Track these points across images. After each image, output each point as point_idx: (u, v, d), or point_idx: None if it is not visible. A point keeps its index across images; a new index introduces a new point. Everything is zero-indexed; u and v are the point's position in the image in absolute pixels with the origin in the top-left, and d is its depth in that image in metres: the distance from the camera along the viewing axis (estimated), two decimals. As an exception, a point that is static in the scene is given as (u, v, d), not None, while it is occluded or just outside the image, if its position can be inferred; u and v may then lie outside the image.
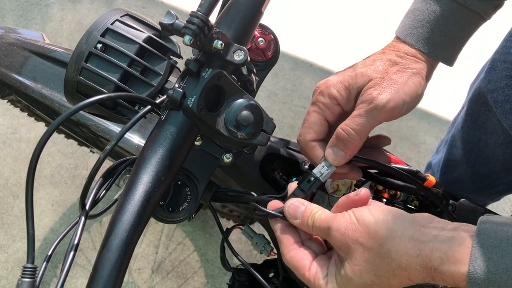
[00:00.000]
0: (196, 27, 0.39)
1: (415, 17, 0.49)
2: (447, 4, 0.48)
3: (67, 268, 0.40)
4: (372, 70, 0.47)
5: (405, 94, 0.46)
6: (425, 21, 0.49)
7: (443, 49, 0.49)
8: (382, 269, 0.39)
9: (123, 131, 0.42)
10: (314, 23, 1.93)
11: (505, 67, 0.65)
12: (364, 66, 0.48)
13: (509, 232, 0.36)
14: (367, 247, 0.39)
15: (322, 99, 0.48)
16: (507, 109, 0.65)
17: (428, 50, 0.49)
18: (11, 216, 1.44)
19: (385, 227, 0.39)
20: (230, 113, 0.44)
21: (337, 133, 0.47)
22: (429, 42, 0.49)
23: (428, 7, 0.49)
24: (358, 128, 0.46)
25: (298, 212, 0.45)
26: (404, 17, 0.51)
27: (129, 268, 1.35)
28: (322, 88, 0.49)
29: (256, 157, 0.59)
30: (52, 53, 0.77)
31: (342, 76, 0.48)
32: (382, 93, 0.45)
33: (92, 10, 1.86)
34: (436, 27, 0.49)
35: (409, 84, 0.47)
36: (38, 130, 1.58)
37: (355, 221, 0.41)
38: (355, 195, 0.44)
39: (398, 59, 0.48)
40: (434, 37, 0.49)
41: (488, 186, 0.85)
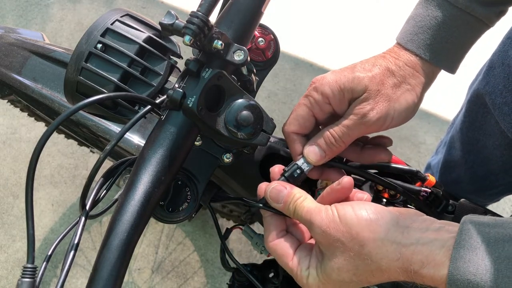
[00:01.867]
0: (196, 27, 0.40)
1: (416, 23, 0.49)
2: (449, 10, 0.47)
3: (67, 268, 0.40)
4: (369, 78, 0.47)
5: (395, 111, 0.47)
6: (426, 27, 0.48)
7: (445, 56, 0.49)
8: (361, 269, 0.39)
9: (123, 131, 0.42)
10: (314, 23, 1.93)
11: (503, 69, 0.65)
12: (363, 70, 0.47)
13: (491, 233, 0.35)
14: (348, 247, 0.39)
15: (315, 94, 0.48)
16: (505, 111, 0.65)
17: (429, 57, 0.48)
18: (11, 216, 1.44)
19: (368, 228, 0.39)
20: (230, 113, 0.44)
21: (324, 136, 0.48)
22: (430, 49, 0.48)
23: (430, 13, 0.48)
24: (344, 137, 0.47)
25: (280, 196, 0.45)
26: (405, 23, 0.51)
27: (129, 268, 1.35)
28: (317, 84, 0.48)
29: (256, 157, 0.59)
30: (52, 53, 0.77)
31: (339, 76, 0.48)
32: (374, 109, 0.46)
33: (92, 10, 1.86)
34: (437, 34, 0.48)
35: (401, 101, 0.47)
36: (38, 130, 1.58)
37: (337, 220, 0.40)
38: (337, 185, 0.44)
39: (396, 69, 0.47)
40: (435, 44, 0.48)
41: (487, 187, 0.86)
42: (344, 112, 0.49)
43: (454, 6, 0.47)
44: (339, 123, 0.47)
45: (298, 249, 0.45)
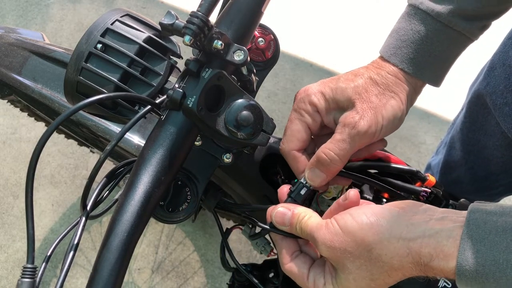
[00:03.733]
0: (196, 27, 0.39)
1: (399, 37, 0.49)
2: (432, 25, 0.47)
3: (66, 268, 0.40)
4: (352, 88, 0.46)
5: (383, 118, 0.47)
6: (410, 41, 0.48)
7: (428, 69, 0.49)
8: (376, 273, 0.39)
9: (123, 131, 0.42)
10: (314, 23, 1.92)
11: (504, 69, 0.65)
12: (346, 81, 0.47)
13: (498, 222, 0.35)
14: (357, 255, 0.39)
15: (303, 105, 0.48)
16: (506, 112, 0.65)
17: (412, 71, 0.48)
18: (11, 216, 1.44)
19: (371, 231, 0.39)
20: (230, 113, 0.44)
21: (318, 157, 0.47)
22: (413, 63, 0.48)
23: (413, 27, 0.48)
24: (341, 153, 0.47)
25: (285, 218, 0.45)
26: (388, 36, 0.50)
27: (129, 268, 1.35)
28: (302, 95, 0.48)
29: (256, 157, 0.59)
30: (52, 53, 0.77)
31: (323, 87, 0.48)
32: (362, 118, 0.46)
33: (92, 10, 1.86)
34: (420, 48, 0.48)
35: (387, 107, 0.47)
36: (38, 130, 1.58)
37: (339, 231, 0.40)
38: (344, 199, 0.43)
39: (379, 77, 0.47)
40: (418, 58, 0.48)
41: (487, 188, 0.86)
42: (332, 124, 0.49)
43: (437, 20, 0.47)
44: (332, 140, 0.47)
45: (312, 267, 0.44)
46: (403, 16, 0.50)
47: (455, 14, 0.47)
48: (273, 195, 0.60)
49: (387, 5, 1.98)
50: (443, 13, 0.47)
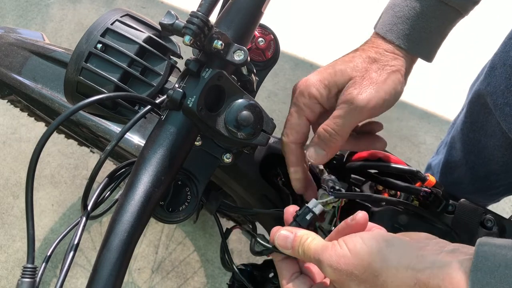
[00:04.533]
0: (196, 27, 0.39)
1: (394, 13, 0.49)
2: (427, 1, 0.48)
3: (66, 268, 0.40)
4: (351, 67, 0.47)
5: (385, 93, 0.47)
6: (405, 17, 0.49)
7: (423, 45, 0.49)
8: None
9: (123, 131, 0.42)
10: (314, 23, 1.93)
11: (505, 69, 0.65)
12: (343, 63, 0.48)
13: (508, 255, 0.35)
14: (362, 279, 0.38)
15: (302, 99, 0.49)
16: (506, 112, 0.65)
17: (408, 47, 0.49)
18: (11, 216, 1.44)
19: (380, 257, 0.38)
20: (230, 113, 0.44)
21: (319, 133, 0.48)
22: (409, 39, 0.48)
23: (408, 4, 0.49)
24: (339, 128, 0.47)
25: (288, 242, 0.44)
26: (384, 13, 0.51)
27: (129, 268, 1.35)
28: (301, 88, 0.49)
29: (256, 157, 0.59)
30: (52, 53, 0.77)
31: (322, 75, 0.48)
32: (362, 93, 0.46)
33: (92, 10, 1.86)
34: (416, 24, 0.48)
35: (388, 82, 0.47)
36: (38, 130, 1.58)
37: (347, 253, 0.39)
38: (352, 220, 0.42)
39: (377, 56, 0.48)
40: (414, 34, 0.48)
41: (488, 188, 0.86)
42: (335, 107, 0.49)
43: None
44: (332, 117, 0.47)
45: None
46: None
47: None
48: (273, 196, 0.60)
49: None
50: None
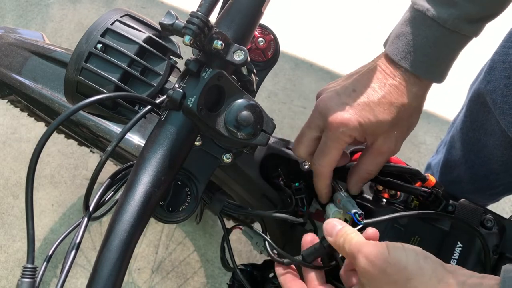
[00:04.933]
0: (196, 27, 0.39)
1: (408, 41, 0.51)
2: (438, 30, 0.50)
3: (67, 268, 0.40)
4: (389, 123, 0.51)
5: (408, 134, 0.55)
6: (417, 45, 0.50)
7: (437, 71, 0.52)
8: None
9: (123, 132, 0.42)
10: (314, 23, 1.93)
11: (504, 68, 0.65)
12: (383, 113, 0.51)
13: None
14: (393, 280, 0.39)
15: (345, 138, 0.51)
16: (506, 111, 0.65)
17: (422, 74, 0.51)
18: (11, 216, 1.44)
19: (416, 265, 0.39)
20: (230, 113, 0.44)
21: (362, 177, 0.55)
22: (422, 66, 0.51)
23: (420, 33, 0.50)
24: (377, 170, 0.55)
25: (334, 230, 0.47)
26: (396, 38, 0.52)
27: (129, 268, 1.34)
28: (344, 129, 0.51)
29: (256, 157, 0.59)
30: (52, 53, 0.77)
31: (362, 118, 0.50)
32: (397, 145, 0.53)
33: (92, 10, 1.86)
34: (429, 52, 0.50)
35: (414, 126, 0.55)
36: (38, 130, 1.58)
37: (386, 252, 0.41)
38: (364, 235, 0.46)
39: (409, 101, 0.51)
40: (427, 61, 0.51)
41: (487, 187, 0.85)
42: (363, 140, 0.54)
43: (443, 27, 0.49)
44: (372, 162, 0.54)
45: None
46: (410, 20, 0.52)
47: (460, 19, 0.49)
48: (273, 196, 0.60)
49: (387, 5, 1.98)
50: (449, 20, 0.49)
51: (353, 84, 0.52)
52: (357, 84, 0.52)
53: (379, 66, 0.52)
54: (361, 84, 0.52)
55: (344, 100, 0.51)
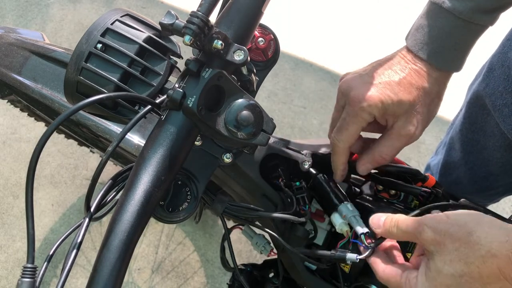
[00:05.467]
0: (196, 27, 0.39)
1: (425, 33, 0.52)
2: (455, 21, 0.51)
3: (68, 268, 0.40)
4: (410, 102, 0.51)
5: (430, 122, 0.56)
6: (435, 37, 0.52)
7: (454, 60, 0.53)
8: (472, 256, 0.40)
9: (124, 132, 0.42)
10: (314, 23, 1.93)
11: (503, 70, 0.65)
12: (404, 93, 0.51)
13: None
14: (457, 237, 0.42)
15: (365, 115, 0.52)
16: (505, 113, 0.65)
17: (441, 65, 0.52)
18: (11, 216, 1.44)
19: (474, 219, 0.42)
20: (230, 113, 0.44)
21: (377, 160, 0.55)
22: (441, 56, 0.52)
23: (438, 24, 0.52)
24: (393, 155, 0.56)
25: (380, 222, 0.50)
26: (415, 31, 0.54)
27: (129, 268, 1.34)
28: (364, 105, 0.51)
29: (256, 157, 0.59)
30: (52, 53, 0.77)
31: (383, 95, 0.51)
32: (417, 129, 0.54)
33: (92, 10, 1.86)
34: (446, 43, 0.52)
35: (434, 114, 0.55)
36: (38, 130, 1.58)
37: (444, 217, 0.44)
38: None
39: (429, 86, 0.53)
40: (445, 52, 0.52)
41: (487, 188, 0.85)
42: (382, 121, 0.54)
43: (459, 18, 0.51)
44: (390, 147, 0.54)
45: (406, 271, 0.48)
46: (428, 12, 0.53)
47: (475, 11, 0.50)
48: (273, 195, 0.60)
49: (387, 5, 1.98)
50: (464, 11, 0.50)
51: (375, 67, 0.54)
52: (378, 68, 0.53)
53: (399, 55, 0.54)
54: (383, 67, 0.53)
55: (367, 80, 0.52)
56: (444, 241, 0.42)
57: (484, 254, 0.40)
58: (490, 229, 0.40)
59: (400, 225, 0.47)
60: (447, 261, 0.42)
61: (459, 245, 0.41)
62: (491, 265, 0.39)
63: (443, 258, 0.42)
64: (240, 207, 0.54)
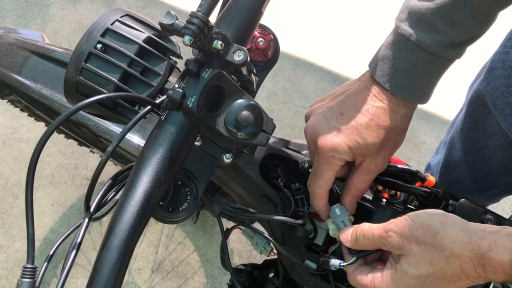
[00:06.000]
0: (196, 27, 0.40)
1: (392, 65, 0.52)
2: (422, 55, 0.51)
3: (68, 268, 0.40)
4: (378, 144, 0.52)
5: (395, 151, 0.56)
6: (402, 69, 0.51)
7: (420, 93, 0.53)
8: (436, 258, 0.42)
9: (124, 132, 0.42)
10: (314, 23, 1.93)
11: (504, 69, 0.65)
12: (372, 136, 0.52)
13: None
14: (422, 240, 0.43)
15: (337, 161, 0.53)
16: (506, 112, 0.65)
17: (407, 96, 0.52)
18: (11, 216, 1.44)
19: (438, 220, 0.44)
20: (230, 113, 0.44)
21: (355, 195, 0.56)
22: (407, 89, 0.52)
23: (404, 57, 0.51)
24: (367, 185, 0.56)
25: (348, 235, 0.51)
26: (381, 61, 0.53)
27: (129, 268, 1.34)
28: (334, 153, 0.52)
29: (256, 157, 0.59)
30: (52, 53, 0.77)
31: (350, 141, 0.51)
32: (384, 161, 0.55)
33: (92, 10, 1.86)
34: (412, 75, 0.52)
35: (400, 144, 0.56)
36: (38, 130, 1.58)
37: (409, 220, 0.45)
38: None
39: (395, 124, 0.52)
40: (411, 84, 0.52)
41: (487, 187, 0.85)
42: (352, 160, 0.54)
43: (427, 51, 0.50)
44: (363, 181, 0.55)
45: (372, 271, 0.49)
46: (394, 43, 0.52)
47: (442, 45, 0.50)
48: (273, 196, 0.60)
49: (387, 5, 1.98)
50: (432, 45, 0.50)
51: (340, 107, 0.53)
52: (344, 107, 0.53)
53: (366, 88, 0.54)
54: (348, 107, 0.53)
55: (333, 124, 0.52)
56: (410, 245, 0.44)
57: (448, 255, 0.41)
58: (453, 230, 0.42)
59: (366, 234, 0.48)
60: (412, 263, 0.43)
61: (424, 247, 0.43)
62: (454, 266, 0.41)
63: (408, 261, 0.44)
64: (237, 209, 0.53)
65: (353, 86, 0.55)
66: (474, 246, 0.40)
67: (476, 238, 0.40)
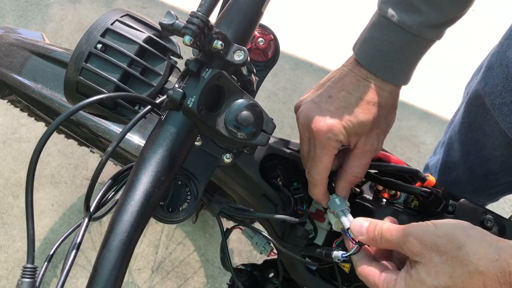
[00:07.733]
0: (196, 27, 0.40)
1: (375, 46, 0.53)
2: (404, 36, 0.51)
3: (68, 268, 0.40)
4: (371, 121, 0.52)
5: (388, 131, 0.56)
6: (384, 51, 0.52)
7: (401, 75, 0.54)
8: (459, 271, 0.40)
9: (124, 132, 0.42)
10: (314, 23, 1.93)
11: (502, 69, 0.65)
12: (364, 113, 0.52)
13: None
14: (445, 250, 0.41)
15: (333, 143, 0.52)
16: (505, 111, 0.65)
17: (390, 78, 0.53)
18: (11, 216, 1.44)
19: (464, 232, 0.41)
20: (230, 113, 0.44)
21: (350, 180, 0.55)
22: (390, 70, 0.53)
23: (386, 38, 0.52)
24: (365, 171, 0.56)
25: (363, 228, 0.49)
26: (364, 42, 0.54)
27: (129, 268, 1.34)
28: (328, 135, 0.51)
29: (256, 157, 0.59)
30: (52, 53, 0.77)
31: (345, 122, 0.51)
32: (379, 141, 0.55)
33: (92, 10, 1.86)
34: (395, 57, 0.52)
35: (391, 123, 0.56)
36: (38, 130, 1.58)
37: (432, 228, 0.42)
38: None
39: (383, 101, 0.53)
40: (394, 65, 0.53)
41: (487, 187, 0.86)
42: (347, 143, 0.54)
43: (408, 32, 0.51)
44: (360, 164, 0.54)
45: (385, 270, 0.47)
46: (376, 24, 0.54)
47: (423, 25, 0.51)
48: (272, 195, 0.60)
49: (387, 5, 1.98)
50: (414, 25, 0.51)
51: (328, 91, 0.53)
52: (331, 91, 0.53)
53: (351, 71, 0.54)
54: (336, 90, 0.53)
55: (324, 107, 0.52)
56: (430, 253, 0.42)
57: (471, 270, 0.39)
58: (480, 246, 0.40)
59: (385, 234, 0.46)
60: (431, 273, 0.41)
61: (446, 258, 0.41)
62: (477, 282, 0.39)
63: (427, 269, 0.42)
64: (236, 208, 0.53)
65: (338, 72, 0.55)
66: (503, 264, 0.38)
67: (506, 256, 0.38)
